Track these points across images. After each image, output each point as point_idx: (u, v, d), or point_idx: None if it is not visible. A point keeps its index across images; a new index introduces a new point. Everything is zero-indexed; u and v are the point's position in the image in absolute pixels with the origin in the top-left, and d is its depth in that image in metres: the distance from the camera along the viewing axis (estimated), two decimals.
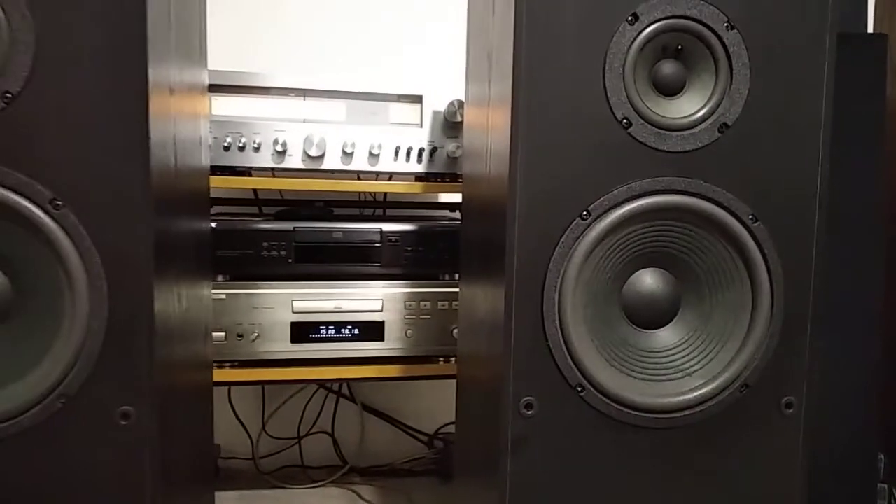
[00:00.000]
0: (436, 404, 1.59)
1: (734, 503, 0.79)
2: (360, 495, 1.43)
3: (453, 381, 1.14)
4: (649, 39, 0.71)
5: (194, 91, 0.94)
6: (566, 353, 0.73)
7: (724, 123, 0.73)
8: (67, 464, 0.67)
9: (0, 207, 0.64)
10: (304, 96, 1.22)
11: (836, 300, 1.03)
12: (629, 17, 0.71)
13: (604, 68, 0.71)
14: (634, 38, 0.71)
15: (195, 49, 0.94)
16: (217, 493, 1.29)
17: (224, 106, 1.18)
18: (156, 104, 0.68)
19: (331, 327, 1.21)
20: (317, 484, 1.49)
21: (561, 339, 0.72)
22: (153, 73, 0.67)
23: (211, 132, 1.17)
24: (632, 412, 0.74)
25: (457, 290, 1.23)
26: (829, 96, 0.75)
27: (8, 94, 0.63)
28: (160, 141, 0.69)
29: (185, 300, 0.85)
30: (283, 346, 1.19)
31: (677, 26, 0.71)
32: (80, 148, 0.65)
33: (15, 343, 0.67)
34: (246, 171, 1.22)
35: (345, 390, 1.59)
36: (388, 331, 1.23)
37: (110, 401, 0.67)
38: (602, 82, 0.71)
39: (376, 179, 1.34)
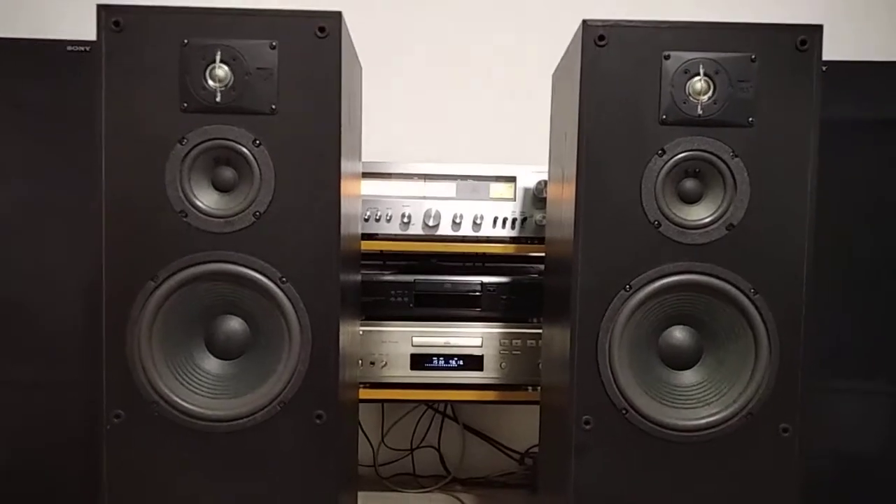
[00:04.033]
0: (526, 427, 1.85)
1: None
2: (462, 501, 1.74)
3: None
4: (674, 167, 1.05)
5: (356, 178, 1.33)
6: (614, 385, 1.07)
7: (731, 224, 1.06)
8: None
9: (250, 282, 1.05)
10: (425, 180, 1.61)
11: None
12: (658, 151, 1.05)
13: (640, 186, 1.05)
14: (662, 167, 1.05)
15: (356, 145, 1.32)
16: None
17: (365, 188, 1.57)
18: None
19: (441, 358, 1.55)
20: (425, 490, 1.80)
21: (610, 375, 1.07)
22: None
23: None
24: (663, 430, 1.07)
25: (541, 330, 1.53)
26: (812, 199, 1.06)
27: (258, 212, 1.05)
28: (344, 221, 1.07)
29: (349, 335, 1.24)
30: (404, 372, 1.55)
31: (695, 157, 1.05)
32: (299, 243, 1.05)
33: (250, 368, 1.08)
34: (372, 236, 1.61)
35: (449, 412, 1.91)
36: (487, 363, 1.55)
37: (311, 406, 1.06)
38: (639, 196, 1.06)
39: (478, 242, 1.62)
